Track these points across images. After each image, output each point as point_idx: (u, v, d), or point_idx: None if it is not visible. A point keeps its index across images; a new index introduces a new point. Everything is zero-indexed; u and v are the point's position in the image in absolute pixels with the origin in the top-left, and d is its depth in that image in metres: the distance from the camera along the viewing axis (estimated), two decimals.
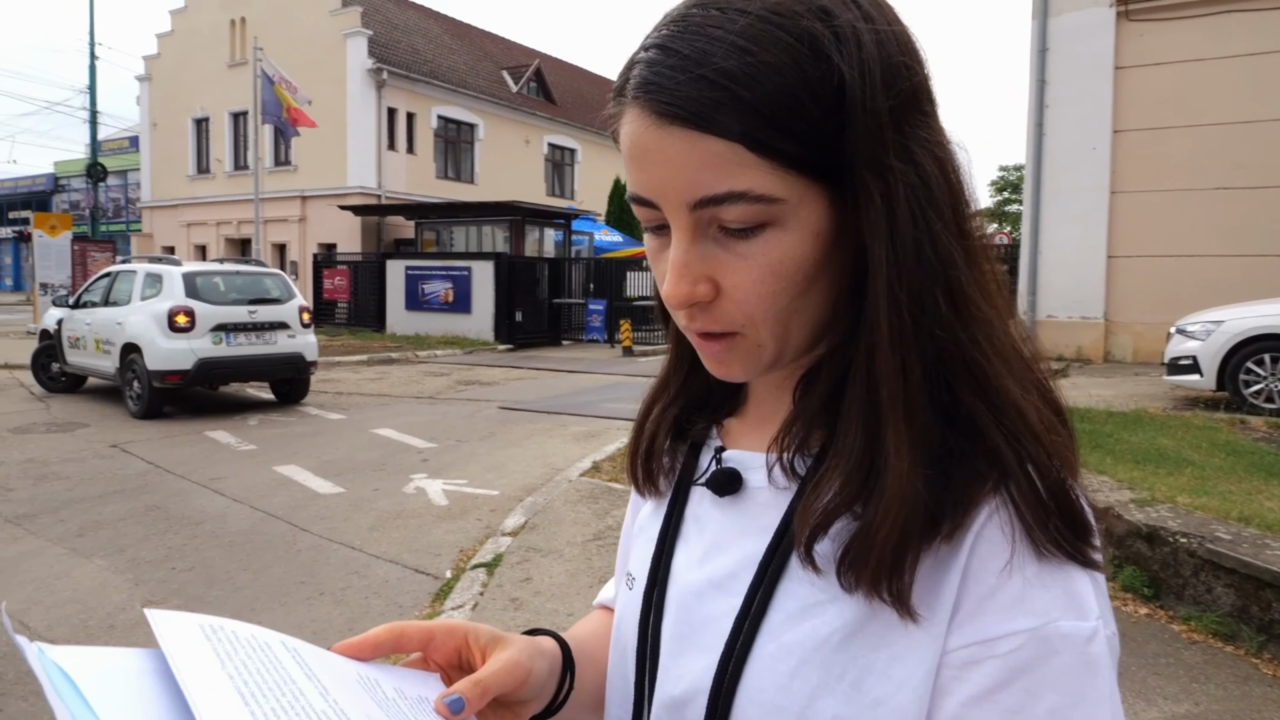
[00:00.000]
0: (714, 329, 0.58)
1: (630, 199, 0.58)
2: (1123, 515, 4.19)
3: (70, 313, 11.21)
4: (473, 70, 28.79)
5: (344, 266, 22.39)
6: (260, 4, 25.97)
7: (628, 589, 0.71)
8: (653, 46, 0.54)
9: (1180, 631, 3.68)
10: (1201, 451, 5.71)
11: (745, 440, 0.67)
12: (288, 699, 0.50)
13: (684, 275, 0.55)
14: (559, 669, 0.70)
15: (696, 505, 0.68)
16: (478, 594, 4.31)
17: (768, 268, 0.54)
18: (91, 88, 26.10)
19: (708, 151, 0.51)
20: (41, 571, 4.76)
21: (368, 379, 13.40)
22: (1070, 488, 0.53)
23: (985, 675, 0.50)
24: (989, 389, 0.53)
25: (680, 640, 0.63)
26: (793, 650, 0.56)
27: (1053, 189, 12.66)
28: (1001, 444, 0.52)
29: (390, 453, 7.90)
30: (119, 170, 37.98)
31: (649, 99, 0.53)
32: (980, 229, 0.57)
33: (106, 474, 6.97)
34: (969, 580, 0.52)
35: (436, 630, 0.64)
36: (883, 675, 0.53)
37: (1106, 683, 0.50)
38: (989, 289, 0.56)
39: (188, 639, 0.51)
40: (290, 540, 5.37)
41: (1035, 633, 0.50)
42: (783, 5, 0.52)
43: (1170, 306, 10.69)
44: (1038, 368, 0.58)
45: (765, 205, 0.52)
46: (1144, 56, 12.01)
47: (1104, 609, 0.52)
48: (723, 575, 0.62)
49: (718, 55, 0.50)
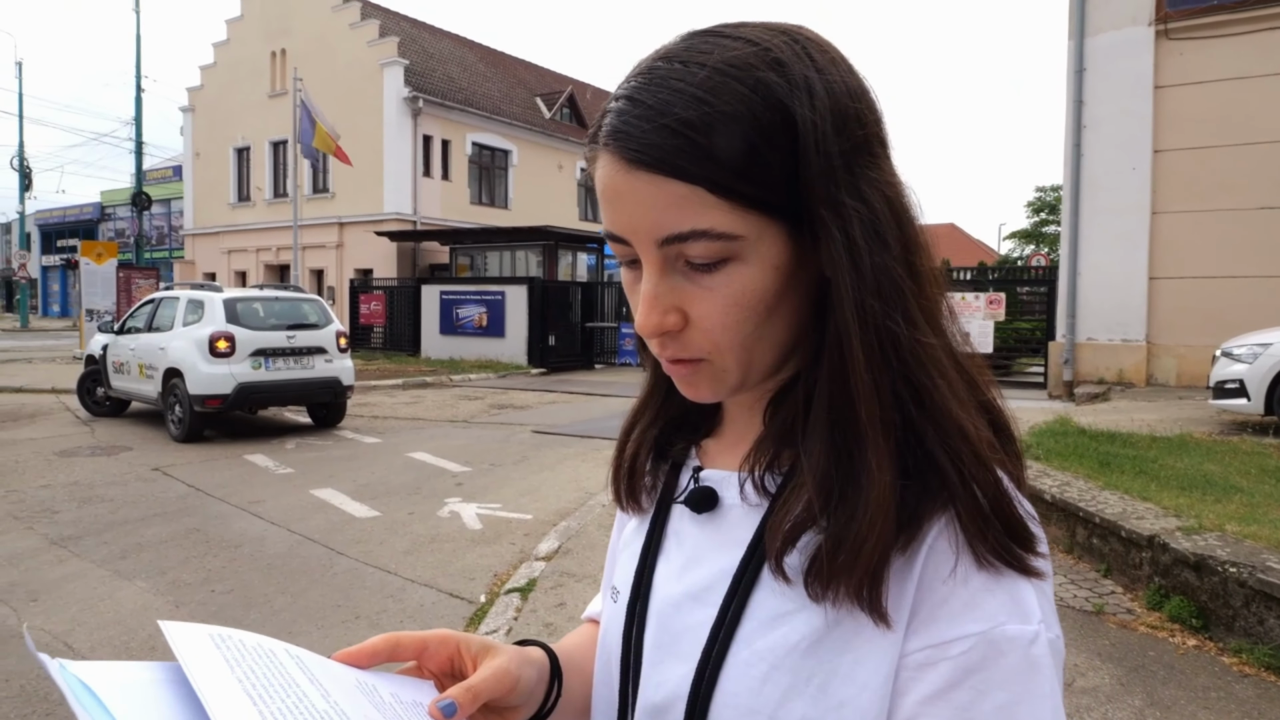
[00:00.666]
0: (683, 355, 0.62)
1: (605, 235, 0.62)
2: (1169, 544, 4.09)
3: (115, 338, 11.45)
4: (506, 97, 29.17)
5: (380, 291, 22.69)
6: (300, 35, 26.58)
7: (612, 602, 0.75)
8: (622, 97, 0.58)
9: (1231, 664, 3.57)
10: (1250, 478, 5.56)
11: (721, 460, 0.71)
12: (292, 700, 0.54)
13: (654, 306, 0.60)
14: (547, 677, 0.75)
15: (677, 522, 0.72)
16: (512, 618, 4.30)
17: (731, 299, 0.59)
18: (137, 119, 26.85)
19: (672, 194, 0.56)
20: (85, 593, 4.83)
21: (403, 403, 13.52)
22: (1012, 502, 0.57)
23: (939, 675, 0.54)
24: (936, 411, 0.56)
25: (660, 649, 0.67)
26: (764, 656, 0.59)
27: (1091, 209, 12.49)
28: (946, 463, 0.56)
29: (425, 476, 7.95)
30: (163, 199, 38.92)
31: (618, 146, 0.57)
32: (930, 260, 0.61)
33: (148, 497, 7.09)
34: (923, 588, 0.56)
35: (430, 640, 0.68)
36: (847, 678, 0.57)
37: (1048, 681, 0.54)
38: (936, 317, 0.60)
39: (199, 647, 0.56)
40: (327, 564, 5.41)
41: (984, 636, 0.54)
42: (738, 58, 0.56)
43: (1215, 328, 10.47)
44: (985, 389, 0.63)
45: (726, 242, 0.57)
46: (1184, 75, 11.84)
47: (1046, 613, 0.56)
48: (700, 588, 0.66)
49: (679, 106, 0.55)
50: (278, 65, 27.32)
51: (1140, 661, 3.62)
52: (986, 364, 0.66)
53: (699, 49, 0.58)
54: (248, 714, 0.51)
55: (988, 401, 0.63)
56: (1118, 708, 3.24)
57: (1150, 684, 3.42)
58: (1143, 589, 4.28)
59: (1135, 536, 4.34)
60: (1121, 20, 12.15)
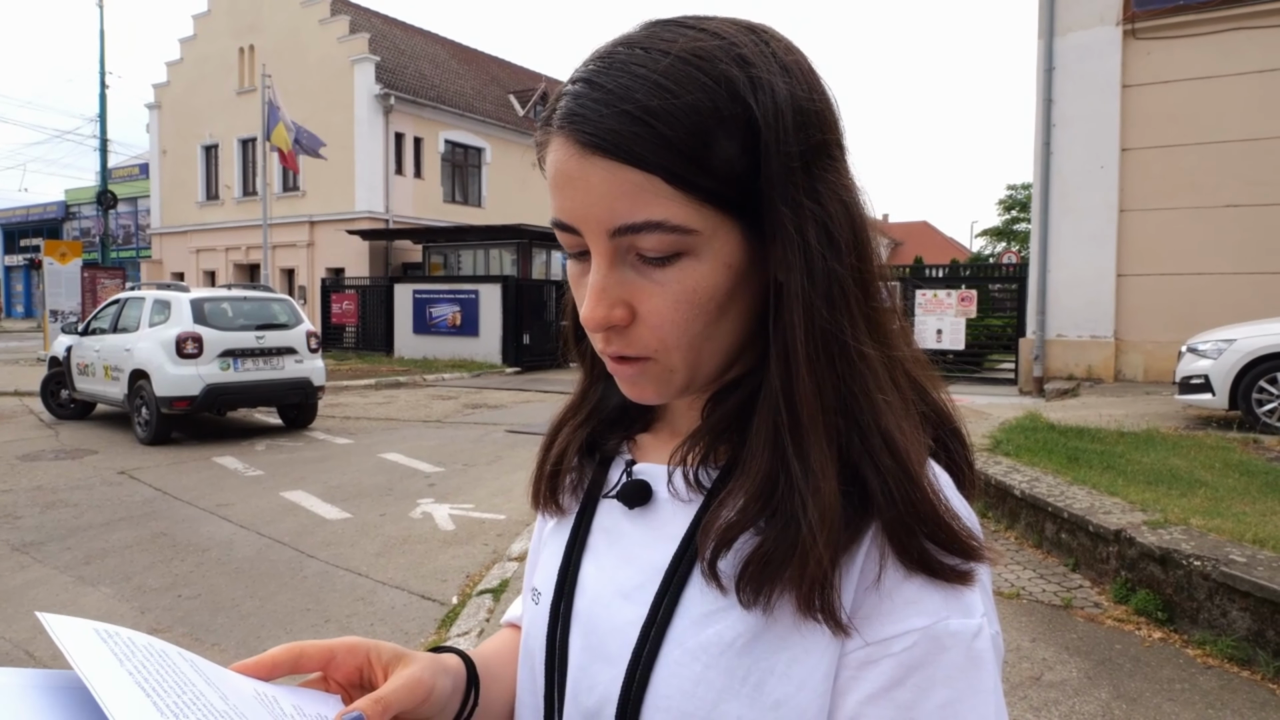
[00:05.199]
0: (628, 353, 0.60)
1: (553, 224, 0.60)
2: (1135, 538, 4.14)
3: (79, 340, 11.26)
4: (479, 94, 29.02)
5: (352, 291, 22.48)
6: (269, 32, 26.27)
7: (534, 604, 0.72)
8: (579, 80, 0.57)
9: (1195, 656, 3.62)
10: (1215, 472, 5.65)
11: (655, 454, 0.69)
12: (189, 697, 0.51)
13: (601, 299, 0.58)
14: (463, 685, 0.71)
15: (605, 518, 0.69)
16: (484, 620, 4.27)
17: (682, 295, 0.57)
18: (102, 116, 26.35)
19: (627, 182, 0.54)
20: (48, 600, 4.74)
21: (375, 403, 13.41)
22: (940, 512, 0.55)
23: (881, 673, 0.54)
24: (866, 421, 0.56)
25: (589, 651, 0.65)
26: (697, 656, 0.58)
27: (1061, 208, 12.64)
28: (871, 475, 0.55)
29: (397, 477, 7.88)
30: (129, 197, 38.31)
31: (573, 129, 0.55)
32: (879, 267, 0.60)
33: (114, 501, 6.97)
34: (861, 590, 0.55)
35: (337, 649, 0.65)
36: (783, 676, 0.55)
37: (991, 677, 0.54)
38: (881, 323, 0.59)
39: (84, 640, 0.52)
40: (297, 567, 5.34)
41: (926, 631, 0.53)
42: (703, 49, 0.55)
43: (1181, 325, 10.64)
44: (934, 393, 0.64)
45: (680, 235, 0.55)
46: (1151, 75, 12.02)
47: (988, 608, 0.57)
48: (630, 585, 0.64)
49: (640, 92, 0.54)
50: (246, 62, 26.99)
51: (1107, 654, 3.66)
52: (933, 367, 0.66)
53: (662, 37, 0.56)
54: (142, 707, 0.47)
55: (936, 406, 0.64)
56: (1085, 700, 3.27)
57: (1117, 676, 3.46)
58: (1110, 583, 4.33)
59: (1102, 531, 4.39)
60: (1090, 20, 12.31)
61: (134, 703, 0.48)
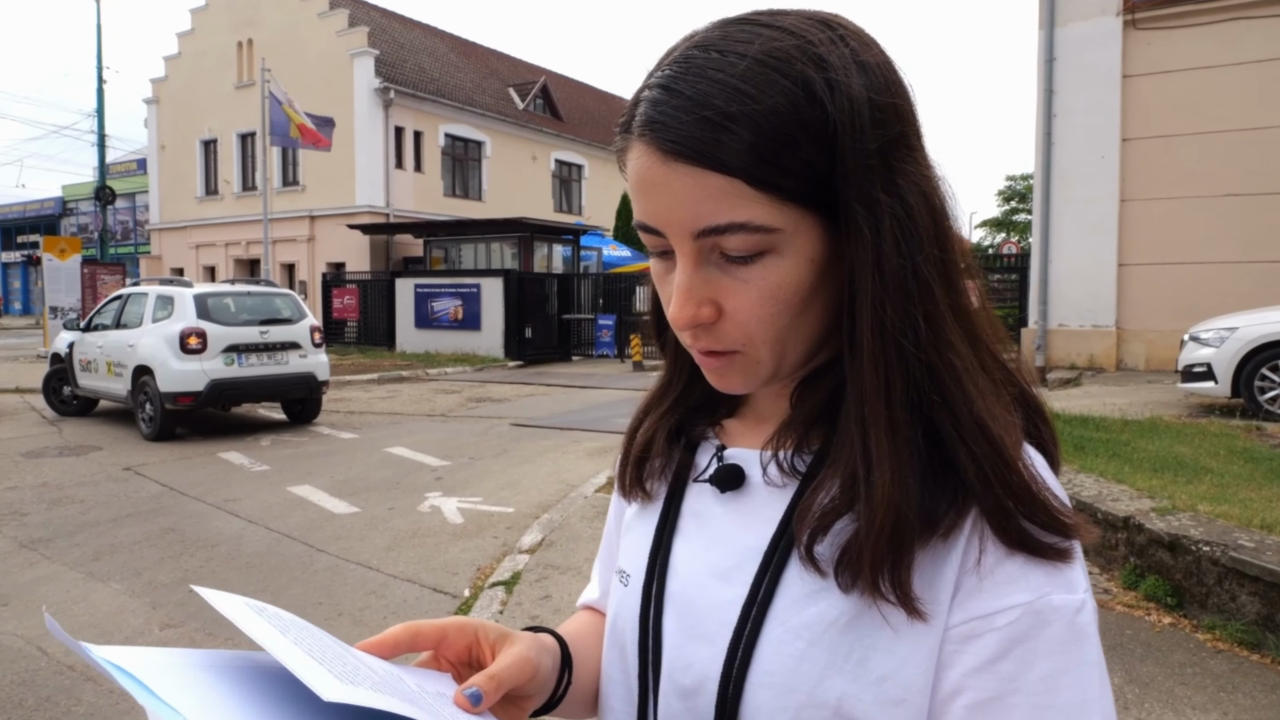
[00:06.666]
0: (716, 348, 0.62)
1: (637, 226, 0.61)
2: (1144, 524, 4.15)
3: (81, 336, 11.26)
4: (479, 88, 28.96)
5: (353, 285, 22.47)
6: (267, 25, 26.20)
7: (623, 586, 0.73)
8: (656, 86, 0.57)
9: (1205, 640, 3.64)
10: (1219, 459, 5.67)
11: (744, 439, 0.70)
12: (350, 667, 0.53)
13: (689, 299, 0.59)
14: (558, 665, 0.73)
15: (695, 501, 0.70)
16: (497, 612, 4.29)
17: (766, 291, 0.58)
18: (99, 111, 26.29)
19: (710, 186, 0.55)
20: (58, 596, 4.76)
21: (379, 397, 13.42)
22: (1037, 494, 0.56)
23: (985, 647, 0.55)
24: (957, 409, 0.57)
25: (684, 631, 0.66)
26: (800, 634, 0.59)
27: (1062, 198, 12.63)
28: (968, 463, 0.56)
29: (404, 471, 7.90)
30: (127, 193, 38.25)
31: (654, 136, 0.56)
32: (964, 256, 0.61)
33: (120, 497, 6.99)
34: (965, 569, 0.56)
35: (449, 628, 0.66)
36: (887, 653, 0.57)
37: (1094, 650, 0.55)
38: (968, 312, 0.61)
39: (245, 614, 0.54)
40: (307, 561, 5.36)
41: (1029, 606, 0.54)
42: (778, 49, 0.56)
43: (1183, 314, 10.65)
44: (1022, 380, 0.65)
45: (764, 235, 0.56)
46: (1152, 65, 12.00)
47: (1087, 584, 0.58)
48: (726, 566, 0.65)
49: (719, 97, 0.54)
50: (245, 56, 26.93)
51: (1118, 640, 3.68)
52: (1016, 350, 0.67)
53: (737, 38, 0.57)
54: (322, 674, 0.49)
55: (1024, 391, 0.65)
56: None
57: (1128, 661, 3.48)
58: (1119, 569, 4.35)
59: (1111, 518, 4.41)
60: (1090, 10, 12.28)
61: (315, 670, 0.49)
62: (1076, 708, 0.53)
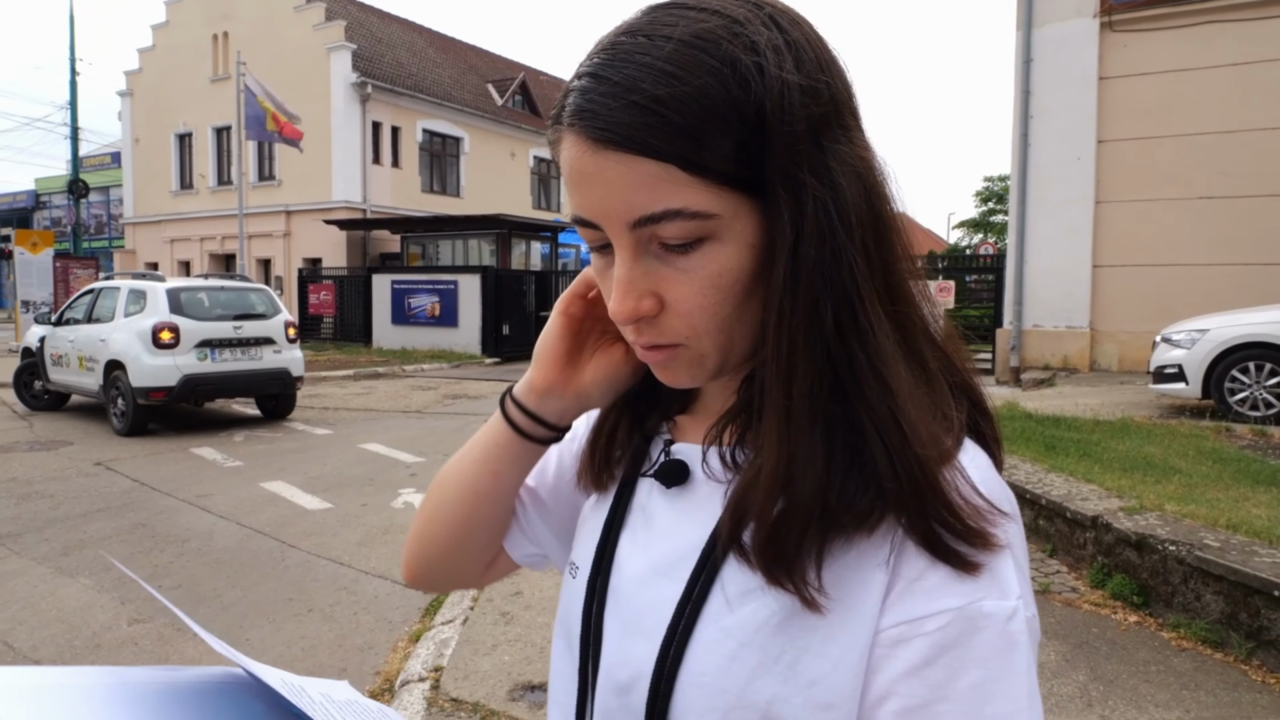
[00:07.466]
0: (660, 341, 0.60)
1: (573, 221, 0.60)
2: (1111, 524, 4.20)
3: (53, 330, 11.11)
4: (457, 84, 28.82)
5: (329, 281, 22.29)
6: (243, 18, 25.92)
7: (571, 578, 0.73)
8: (585, 75, 0.56)
9: (1170, 639, 3.69)
10: (1188, 459, 5.74)
11: (694, 434, 0.69)
12: None
13: (629, 292, 0.58)
14: None
15: (644, 496, 0.70)
16: (468, 608, 4.28)
17: (708, 280, 0.57)
18: (72, 103, 25.97)
19: (643, 173, 0.54)
20: (26, 591, 4.69)
21: (354, 394, 13.33)
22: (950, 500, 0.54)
23: (914, 652, 0.53)
24: (872, 400, 0.55)
25: (624, 627, 0.65)
26: (732, 633, 0.58)
27: (1038, 199, 12.74)
28: (878, 453, 0.54)
29: (378, 468, 7.85)
30: (101, 186, 37.71)
31: (584, 125, 0.55)
32: (897, 236, 0.59)
33: (91, 492, 6.90)
34: (897, 569, 0.55)
35: None
36: (818, 655, 0.55)
37: (1025, 659, 0.53)
38: (899, 298, 0.58)
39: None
40: (278, 557, 5.32)
41: (960, 611, 0.53)
42: (705, 30, 0.54)
43: (1155, 315, 10.76)
44: (962, 370, 0.63)
45: (701, 221, 0.55)
46: (1128, 67, 12.12)
47: (1024, 590, 0.55)
48: (666, 563, 0.64)
49: (647, 81, 0.53)
50: (220, 49, 26.62)
51: (1084, 638, 3.73)
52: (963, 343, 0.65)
53: (663, 22, 0.55)
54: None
55: (966, 383, 0.63)
56: (1062, 683, 3.33)
57: (1094, 659, 3.52)
58: (1087, 568, 4.40)
59: (1080, 517, 4.46)
60: (1067, 12, 12.38)
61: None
62: (1005, 718, 0.52)
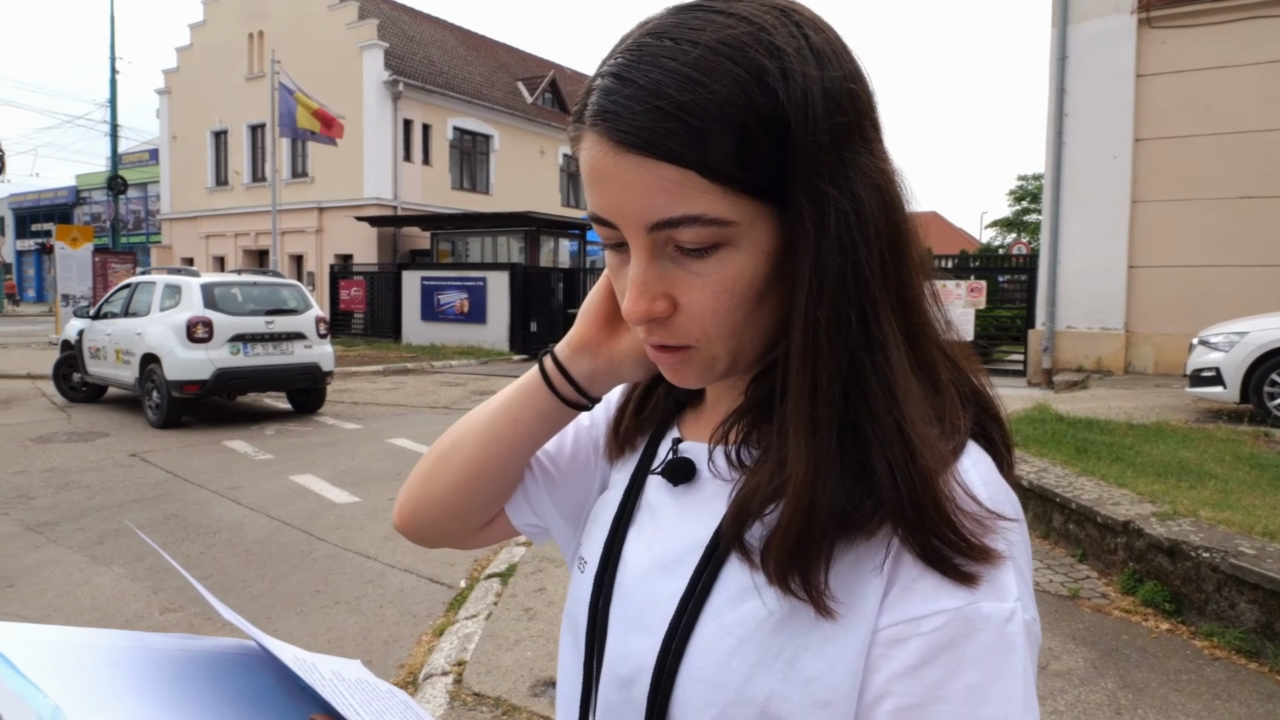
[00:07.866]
0: (671, 342, 0.61)
1: (590, 218, 0.60)
2: (1143, 529, 4.13)
3: (91, 324, 11.31)
4: (488, 82, 28.95)
5: (360, 277, 22.54)
6: (278, 17, 26.23)
7: (579, 572, 0.74)
8: (609, 74, 0.56)
9: (1202, 648, 3.62)
10: (1225, 465, 5.63)
11: (701, 432, 0.70)
12: None
13: (643, 292, 0.58)
14: None
15: (652, 493, 0.71)
16: (491, 603, 4.30)
17: (722, 285, 0.57)
18: (112, 101, 26.36)
19: (663, 178, 0.54)
20: (62, 579, 4.79)
21: (384, 389, 13.45)
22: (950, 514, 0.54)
23: (911, 652, 0.53)
24: (878, 411, 0.55)
25: (627, 622, 0.66)
26: (733, 630, 0.58)
27: (1072, 198, 12.55)
28: (880, 461, 0.55)
29: (406, 463, 7.92)
30: (139, 183, 38.40)
31: (606, 126, 0.55)
32: (918, 250, 0.60)
33: (126, 483, 7.02)
34: (896, 570, 0.55)
35: None
36: (816, 653, 0.56)
37: (1021, 661, 0.53)
38: (913, 309, 0.59)
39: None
40: (306, 549, 5.38)
41: (958, 612, 0.53)
42: (732, 37, 0.54)
43: (1192, 317, 10.56)
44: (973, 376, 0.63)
45: (718, 228, 0.55)
46: (1166, 64, 11.90)
47: (1024, 594, 0.55)
48: (669, 560, 0.65)
49: (671, 86, 0.53)
50: (255, 47, 26.95)
51: (1114, 645, 3.67)
52: (973, 352, 0.66)
53: (690, 25, 0.55)
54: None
55: (978, 390, 0.64)
56: (1091, 690, 3.28)
57: (1123, 667, 3.47)
58: (1117, 574, 4.33)
59: (1111, 522, 4.39)
60: (1104, 8, 12.19)
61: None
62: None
